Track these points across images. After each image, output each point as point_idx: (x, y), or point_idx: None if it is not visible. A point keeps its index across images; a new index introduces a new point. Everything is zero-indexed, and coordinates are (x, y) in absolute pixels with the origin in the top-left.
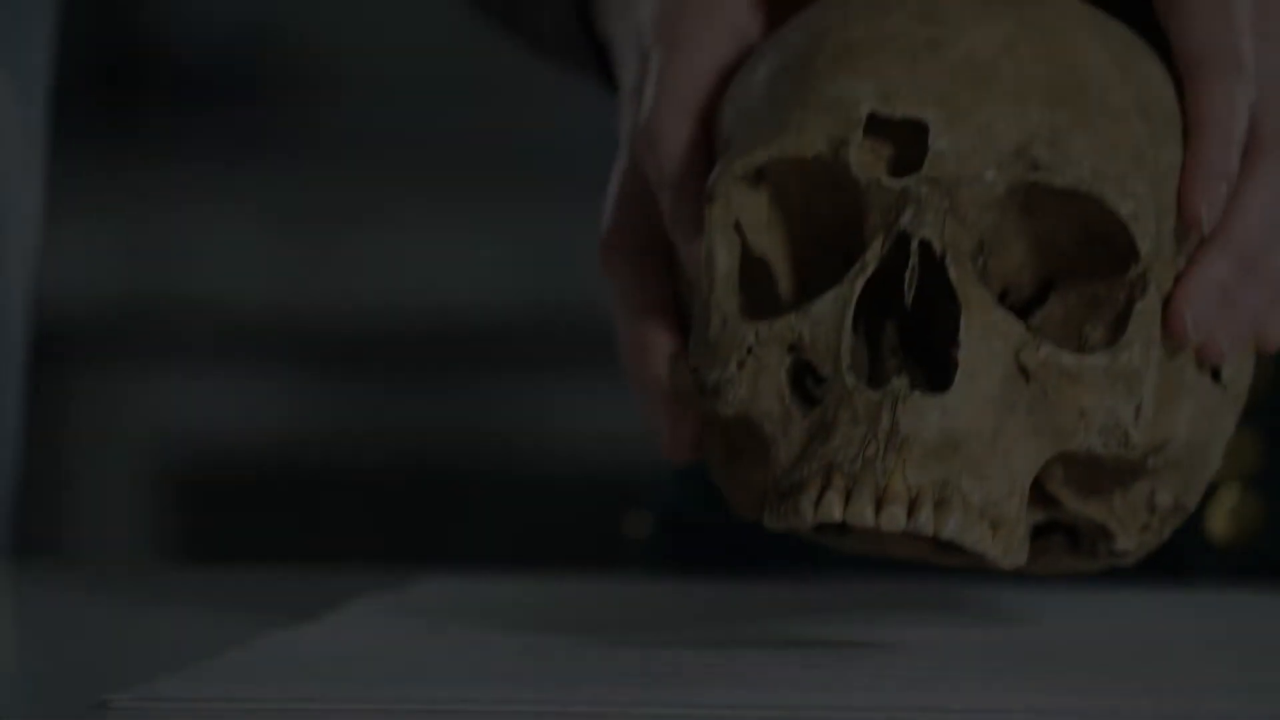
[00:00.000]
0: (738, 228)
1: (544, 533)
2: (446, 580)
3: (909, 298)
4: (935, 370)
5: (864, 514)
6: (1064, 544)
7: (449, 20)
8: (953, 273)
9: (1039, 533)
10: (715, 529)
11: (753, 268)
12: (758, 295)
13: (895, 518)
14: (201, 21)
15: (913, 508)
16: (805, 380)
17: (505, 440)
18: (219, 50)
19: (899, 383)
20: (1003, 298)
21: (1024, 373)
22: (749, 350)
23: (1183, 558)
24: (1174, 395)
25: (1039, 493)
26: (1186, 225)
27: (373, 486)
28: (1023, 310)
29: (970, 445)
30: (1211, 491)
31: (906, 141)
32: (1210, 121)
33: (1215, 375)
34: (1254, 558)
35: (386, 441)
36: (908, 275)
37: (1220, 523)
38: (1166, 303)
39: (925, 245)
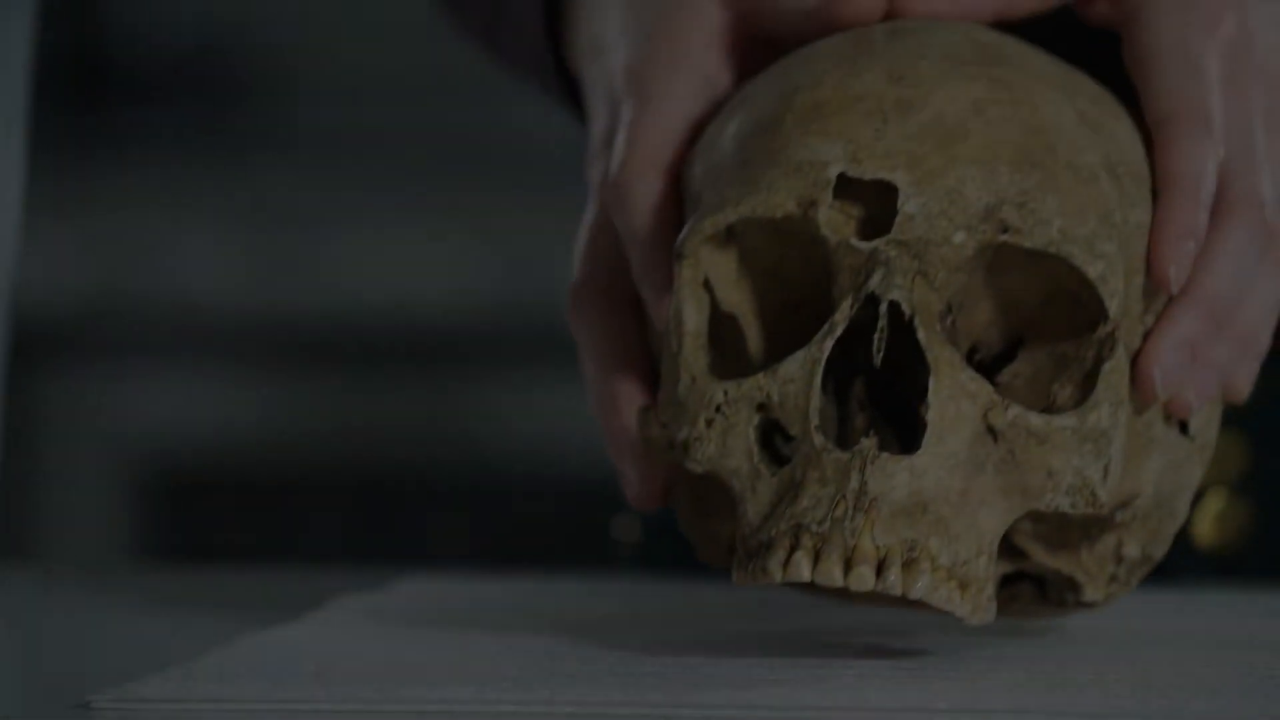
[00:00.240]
0: (707, 285)
1: (531, 535)
2: (428, 581)
3: (878, 359)
4: (904, 427)
5: (832, 574)
6: (1032, 593)
7: (415, 19)
8: (921, 335)
9: (1007, 582)
10: None
11: (722, 324)
12: (727, 351)
13: (864, 578)
14: (169, 21)
15: (881, 568)
16: (774, 438)
17: (486, 442)
18: (187, 50)
19: (867, 444)
20: (972, 354)
21: (992, 433)
22: (718, 409)
23: (1169, 562)
24: (1142, 450)
25: (1007, 545)
26: (1155, 283)
27: (346, 487)
28: (992, 366)
29: (938, 506)
30: (1198, 496)
31: (876, 201)
32: (1179, 180)
33: (1183, 428)
34: (1240, 562)
35: (359, 441)
36: (876, 338)
37: (1206, 528)
38: (1135, 360)
39: (894, 307)
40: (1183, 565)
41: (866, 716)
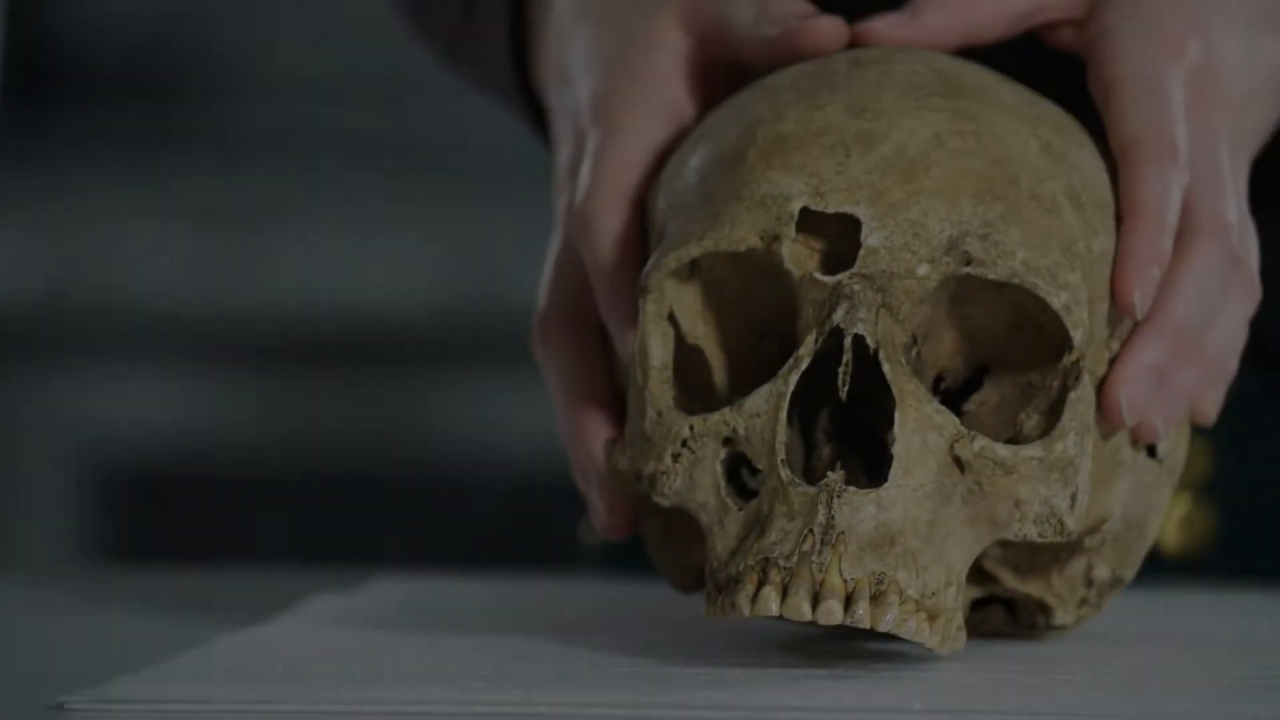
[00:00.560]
0: (671, 318)
1: (493, 536)
2: (399, 582)
3: (843, 393)
4: (871, 455)
5: (800, 608)
6: (1003, 616)
7: (367, 21)
8: (886, 369)
9: (978, 605)
10: None
11: (688, 355)
12: (693, 384)
13: (832, 612)
14: (120, 19)
15: (849, 601)
16: (741, 471)
17: (441, 442)
18: (136, 48)
19: (834, 477)
20: (938, 382)
21: (959, 465)
22: (684, 443)
23: None
24: (1110, 475)
25: (977, 571)
26: (1120, 309)
27: (301, 487)
28: (959, 393)
29: (906, 538)
30: None
31: (839, 234)
32: (1143, 207)
33: (1151, 451)
34: (1204, 566)
35: (314, 441)
36: (841, 372)
37: (1171, 533)
38: (1102, 386)
39: (859, 340)
40: (1148, 569)
41: (843, 717)
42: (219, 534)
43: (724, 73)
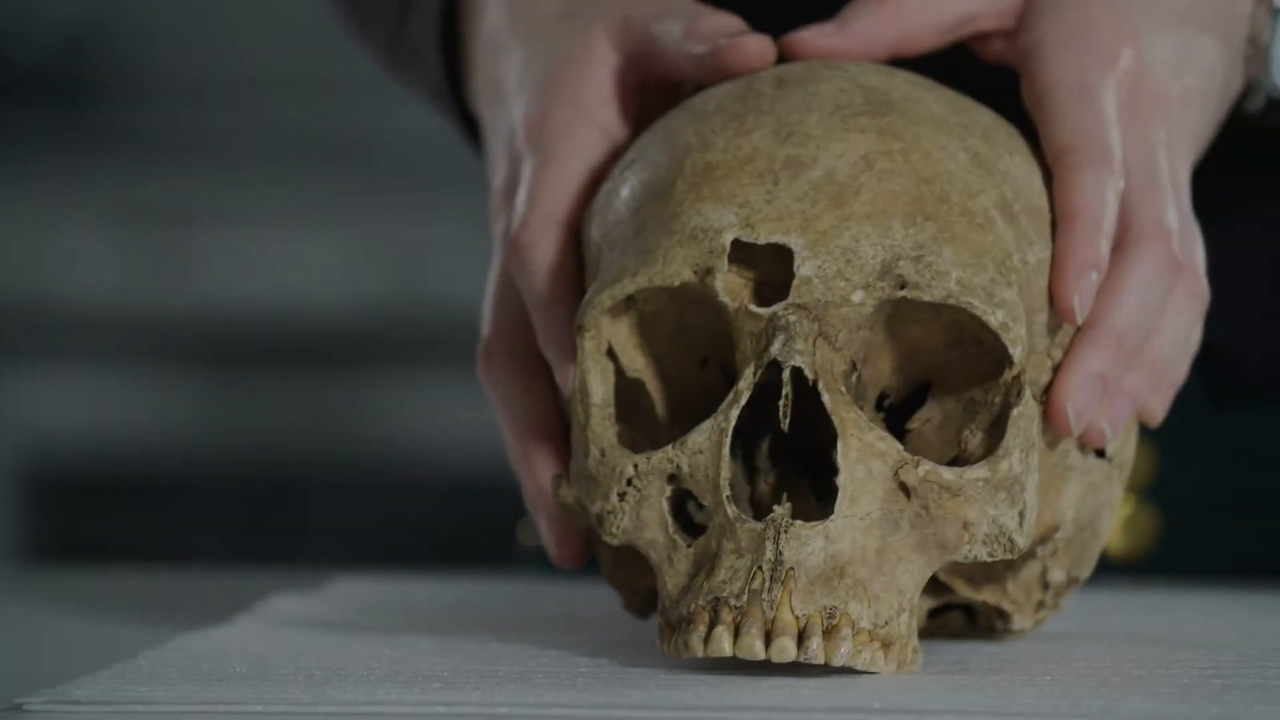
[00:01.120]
0: (610, 353)
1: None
2: (357, 583)
3: (785, 425)
4: (816, 476)
5: (753, 647)
6: (962, 621)
7: (293, 21)
8: (826, 400)
9: (935, 612)
10: None
11: (629, 388)
12: (636, 415)
13: (785, 649)
14: (39, 19)
15: (802, 637)
16: (688, 504)
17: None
18: (60, 49)
19: (780, 512)
20: (881, 399)
21: (905, 490)
22: (629, 482)
23: None
24: (1059, 480)
25: (932, 582)
26: (1059, 316)
27: (230, 486)
28: (901, 410)
29: (856, 568)
30: None
31: (772, 262)
32: (1079, 213)
33: (1099, 451)
34: (1148, 567)
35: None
36: (782, 404)
37: (1115, 535)
38: (1047, 395)
39: (797, 372)
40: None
41: (802, 717)
42: (153, 534)
43: (655, 89)
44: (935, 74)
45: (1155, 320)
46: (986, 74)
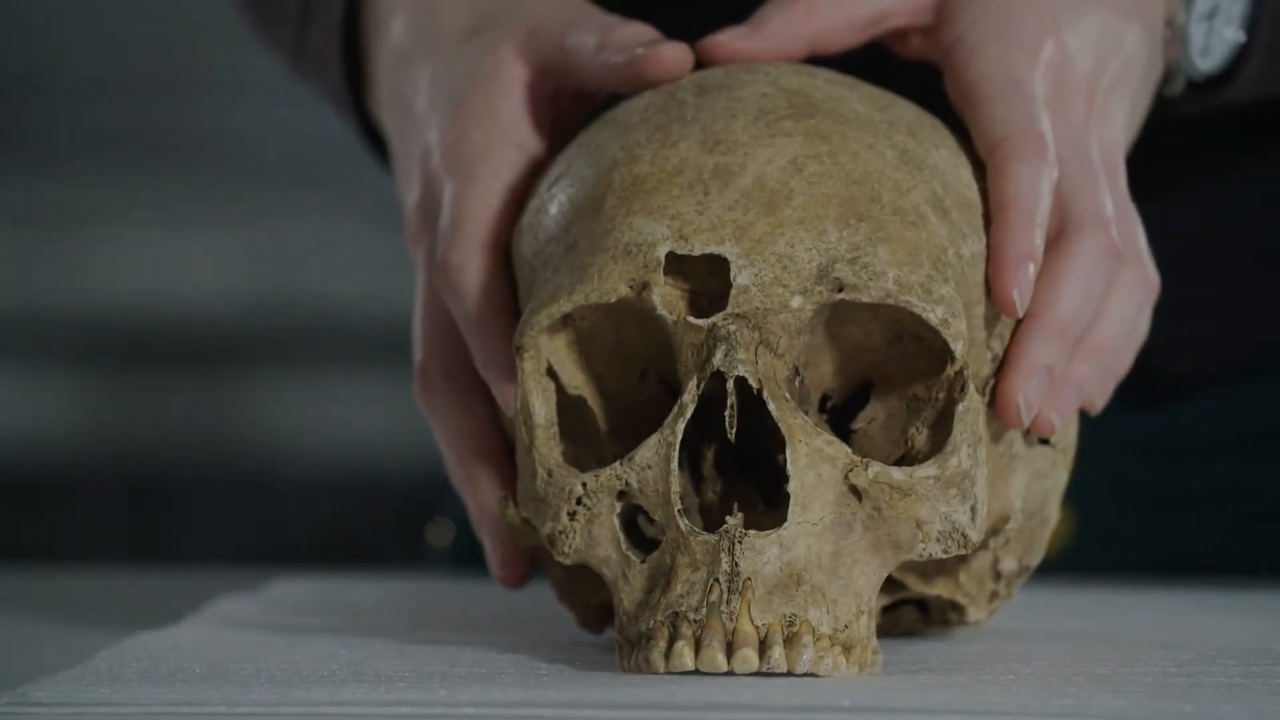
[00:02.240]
0: (550, 372)
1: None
2: (302, 582)
3: (731, 434)
4: (763, 479)
5: (715, 660)
6: (915, 615)
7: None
8: (773, 407)
9: (889, 608)
10: None
11: (571, 405)
12: (578, 432)
13: (748, 660)
14: None
15: (764, 647)
16: (638, 519)
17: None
18: None
19: (733, 522)
20: (824, 401)
21: (856, 493)
22: (579, 501)
23: None
24: (1006, 470)
25: (885, 580)
26: (999, 308)
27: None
28: (843, 411)
29: (812, 574)
30: None
31: (708, 272)
32: (1013, 204)
33: (1043, 439)
34: (1063, 567)
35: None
36: (728, 415)
37: None
38: (996, 388)
39: (742, 381)
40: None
41: (770, 716)
42: (38, 533)
43: (568, 100)
44: (857, 71)
45: (1098, 309)
46: (908, 70)
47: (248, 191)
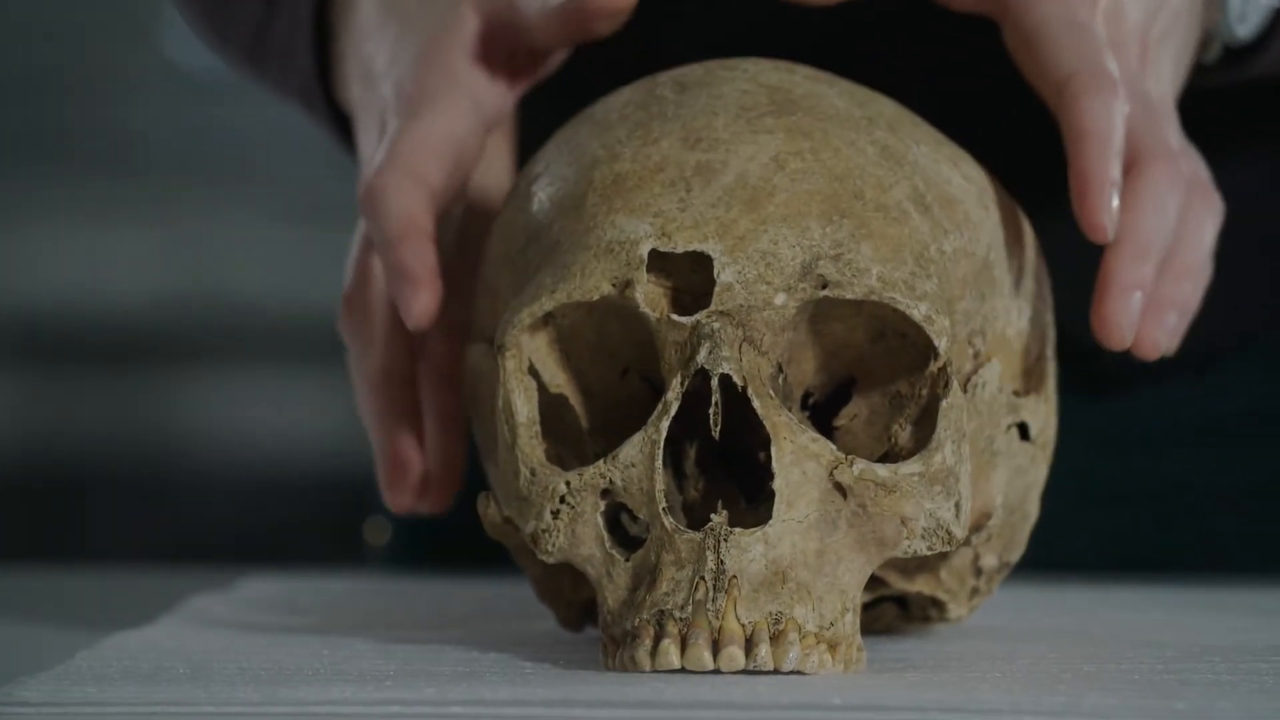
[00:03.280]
0: (532, 370)
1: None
2: (273, 581)
3: (716, 432)
4: (745, 481)
5: (702, 658)
6: (895, 612)
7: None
8: (757, 405)
9: (868, 605)
10: (456, 529)
11: (552, 403)
12: (559, 430)
13: (734, 658)
14: None
15: (750, 645)
16: (621, 518)
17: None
18: None
19: (718, 520)
20: (806, 398)
21: (841, 490)
22: (562, 499)
23: None
24: (987, 466)
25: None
26: (1089, 235)
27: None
28: (827, 407)
29: (797, 571)
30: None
31: (690, 269)
32: (1090, 134)
33: (1023, 433)
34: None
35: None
36: (712, 413)
37: None
38: (1093, 314)
39: (726, 379)
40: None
41: (761, 714)
42: None
43: (525, 58)
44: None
45: (1177, 233)
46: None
47: (164, 190)
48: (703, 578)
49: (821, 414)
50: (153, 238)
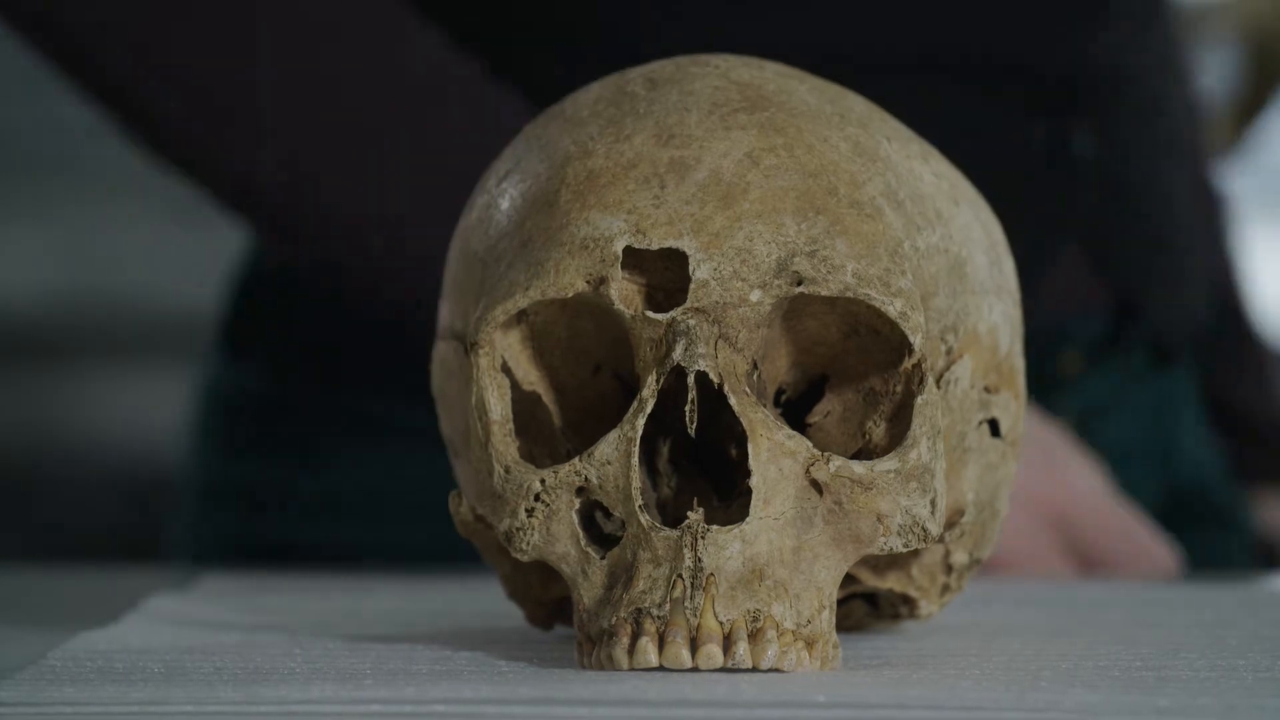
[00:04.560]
0: (504, 368)
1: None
2: (230, 580)
3: (692, 429)
4: (718, 478)
5: (680, 656)
6: (865, 609)
7: None
8: (734, 402)
9: (839, 603)
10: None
11: (525, 400)
12: (531, 427)
13: (712, 656)
14: None
15: (728, 642)
16: (595, 515)
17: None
18: None
19: (695, 518)
20: (779, 395)
21: (817, 487)
22: (537, 497)
23: None
24: (959, 463)
25: None
26: None
27: None
28: (799, 404)
29: (774, 569)
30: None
31: (665, 266)
32: None
33: (994, 430)
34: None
35: None
36: (688, 410)
37: None
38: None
39: (702, 376)
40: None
41: (745, 713)
42: None
43: None
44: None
45: None
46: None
47: (54, 190)
48: (680, 575)
49: (794, 411)
50: (39, 235)
